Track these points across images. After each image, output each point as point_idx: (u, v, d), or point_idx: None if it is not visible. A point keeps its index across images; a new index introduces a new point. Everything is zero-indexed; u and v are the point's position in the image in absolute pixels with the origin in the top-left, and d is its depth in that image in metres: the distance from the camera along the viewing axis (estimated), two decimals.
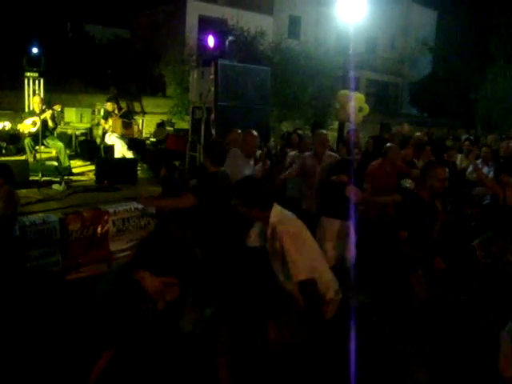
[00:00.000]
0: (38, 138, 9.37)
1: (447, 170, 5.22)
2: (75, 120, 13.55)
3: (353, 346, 3.52)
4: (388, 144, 7.52)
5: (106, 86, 20.02)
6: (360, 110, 11.19)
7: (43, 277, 6.29)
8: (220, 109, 9.34)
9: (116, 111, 11.07)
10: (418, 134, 12.26)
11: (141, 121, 15.58)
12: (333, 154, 7.06)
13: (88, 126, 13.38)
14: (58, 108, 10.01)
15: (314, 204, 6.41)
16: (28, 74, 12.23)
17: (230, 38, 10.50)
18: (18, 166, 8.41)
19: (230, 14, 22.12)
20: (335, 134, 16.65)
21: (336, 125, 16.82)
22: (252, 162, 6.31)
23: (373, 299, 5.17)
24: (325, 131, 7.48)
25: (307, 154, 6.95)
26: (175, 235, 2.32)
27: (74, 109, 13.87)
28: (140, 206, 6.80)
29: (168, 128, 15.06)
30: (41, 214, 6.74)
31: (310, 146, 7.41)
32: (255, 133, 6.21)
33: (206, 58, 10.43)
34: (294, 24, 28.72)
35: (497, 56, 23.13)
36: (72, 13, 25.15)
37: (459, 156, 10.21)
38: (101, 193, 8.70)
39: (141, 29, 26.58)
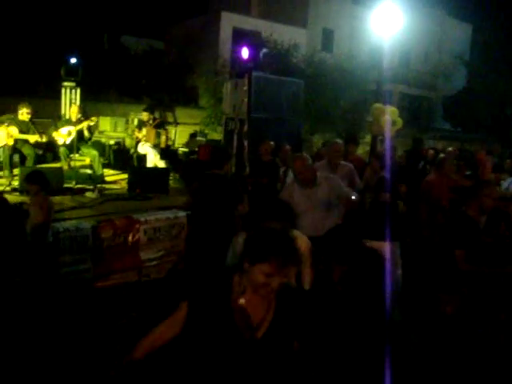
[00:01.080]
0: (72, 146, 9.53)
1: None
2: (109, 129, 13.77)
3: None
4: (442, 155, 7.32)
5: (139, 96, 20.31)
6: (393, 123, 11.08)
7: (74, 283, 6.36)
8: (253, 120, 9.37)
9: (151, 121, 11.15)
10: (450, 148, 12.12)
11: (173, 131, 15.71)
12: (347, 163, 6.87)
13: (122, 135, 13.56)
14: (94, 120, 10.16)
15: None
16: (66, 83, 12.51)
17: (264, 50, 10.54)
18: (53, 173, 8.55)
19: (264, 27, 22.28)
20: (367, 147, 16.56)
21: (368, 138, 16.71)
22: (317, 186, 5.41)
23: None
24: (339, 141, 7.33)
25: (319, 163, 6.79)
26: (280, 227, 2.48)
27: (108, 118, 14.10)
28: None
29: (200, 139, 15.15)
30: (74, 221, 6.83)
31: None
32: (307, 158, 5.49)
33: (239, 70, 10.49)
34: (328, 37, 28.71)
35: None
36: (109, 25, 25.65)
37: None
38: (133, 201, 8.76)
39: (175, 40, 26.89)
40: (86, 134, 9.97)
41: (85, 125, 9.82)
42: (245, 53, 9.45)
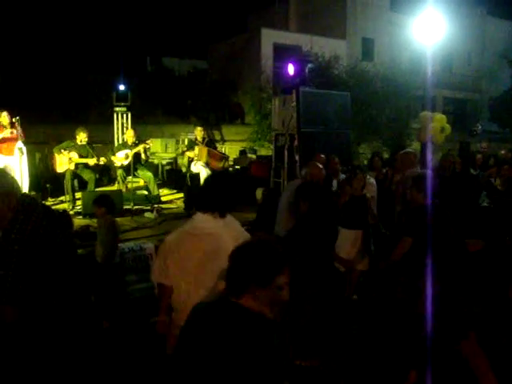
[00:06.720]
0: (129, 169, 9.88)
1: None
2: (160, 150, 14.21)
3: None
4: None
5: (186, 116, 20.78)
6: (442, 130, 11.08)
7: (140, 301, 6.59)
8: (303, 135, 9.52)
9: (200, 139, 11.28)
10: (502, 152, 12.00)
11: (223, 149, 15.98)
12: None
13: (173, 155, 13.97)
14: (150, 143, 10.52)
15: None
16: (117, 109, 13.07)
17: (310, 65, 10.67)
18: (114, 195, 8.83)
19: (304, 41, 22.48)
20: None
21: (415, 145, 16.61)
22: None
23: None
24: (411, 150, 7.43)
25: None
26: None
27: (158, 139, 14.55)
28: None
29: (250, 155, 15.36)
30: (137, 241, 7.13)
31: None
32: None
33: (285, 86, 10.66)
34: (368, 46, 28.70)
35: None
36: (150, 47, 26.39)
37: None
38: None
39: (217, 59, 27.42)
40: (143, 156, 10.33)
41: (141, 147, 10.17)
42: (291, 69, 9.62)
